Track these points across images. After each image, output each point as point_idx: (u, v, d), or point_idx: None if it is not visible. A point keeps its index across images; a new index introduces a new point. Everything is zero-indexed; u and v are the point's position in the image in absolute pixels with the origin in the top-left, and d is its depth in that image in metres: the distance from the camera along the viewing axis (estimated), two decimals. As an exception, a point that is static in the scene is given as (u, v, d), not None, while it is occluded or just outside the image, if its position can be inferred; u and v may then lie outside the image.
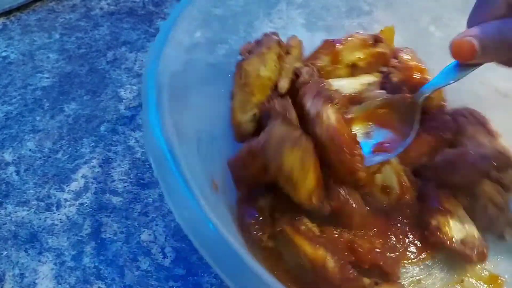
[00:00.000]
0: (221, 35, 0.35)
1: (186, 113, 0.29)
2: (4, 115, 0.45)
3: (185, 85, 0.30)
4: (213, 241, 0.22)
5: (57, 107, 0.46)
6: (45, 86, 0.48)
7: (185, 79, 0.30)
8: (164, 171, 0.24)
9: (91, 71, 0.50)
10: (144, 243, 0.37)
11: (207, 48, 0.34)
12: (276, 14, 0.39)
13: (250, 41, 0.36)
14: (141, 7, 0.58)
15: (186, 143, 0.27)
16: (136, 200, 0.40)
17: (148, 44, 0.53)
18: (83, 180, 0.41)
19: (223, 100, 0.34)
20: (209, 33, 0.33)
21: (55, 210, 0.39)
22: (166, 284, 0.35)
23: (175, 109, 0.27)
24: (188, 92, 0.30)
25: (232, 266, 0.21)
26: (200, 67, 0.33)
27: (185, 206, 0.23)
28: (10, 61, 0.50)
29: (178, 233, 0.38)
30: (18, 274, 0.35)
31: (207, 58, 0.34)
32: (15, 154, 0.42)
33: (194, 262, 0.36)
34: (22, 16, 0.55)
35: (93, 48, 0.52)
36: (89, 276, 0.35)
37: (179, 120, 0.26)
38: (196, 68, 0.32)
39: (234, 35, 0.36)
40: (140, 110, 0.46)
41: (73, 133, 0.44)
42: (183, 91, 0.29)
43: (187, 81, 0.30)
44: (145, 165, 0.42)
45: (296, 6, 0.40)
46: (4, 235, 0.37)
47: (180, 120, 0.27)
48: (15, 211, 0.39)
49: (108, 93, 0.48)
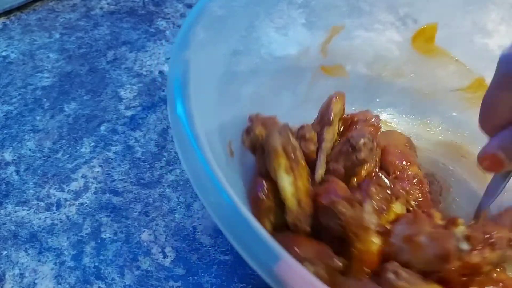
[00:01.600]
0: (221, 35, 0.35)
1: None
2: (4, 115, 0.45)
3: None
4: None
5: (57, 107, 0.46)
6: (45, 85, 0.48)
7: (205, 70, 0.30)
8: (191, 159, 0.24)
9: (91, 71, 0.50)
10: (144, 243, 0.37)
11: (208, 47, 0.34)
12: (277, 14, 0.39)
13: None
14: (141, 7, 0.58)
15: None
16: (136, 200, 0.40)
17: (148, 44, 0.53)
18: (83, 180, 0.41)
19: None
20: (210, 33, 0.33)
21: (55, 210, 0.39)
22: (166, 284, 0.35)
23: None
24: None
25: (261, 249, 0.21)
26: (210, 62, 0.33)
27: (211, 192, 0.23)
28: (10, 60, 0.50)
29: (178, 233, 0.38)
30: (18, 274, 0.35)
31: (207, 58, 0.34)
32: (15, 153, 0.42)
33: (194, 262, 0.36)
34: (22, 16, 0.55)
35: (93, 47, 0.52)
36: (89, 276, 0.35)
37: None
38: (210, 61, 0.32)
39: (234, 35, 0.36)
40: (140, 109, 0.46)
41: (73, 133, 0.44)
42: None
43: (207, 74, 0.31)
44: (145, 165, 0.42)
45: (297, 6, 0.40)
46: (4, 235, 0.37)
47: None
48: (15, 211, 0.39)
49: (108, 93, 0.48)
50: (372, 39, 0.44)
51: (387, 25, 0.44)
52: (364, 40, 0.44)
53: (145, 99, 0.47)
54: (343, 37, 0.43)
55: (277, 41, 0.39)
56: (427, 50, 0.44)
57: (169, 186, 0.41)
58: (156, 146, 0.44)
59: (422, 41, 0.44)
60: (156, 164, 0.42)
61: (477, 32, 0.42)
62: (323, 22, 0.42)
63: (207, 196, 0.23)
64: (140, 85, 0.49)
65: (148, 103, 0.47)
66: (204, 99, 0.29)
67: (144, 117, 0.46)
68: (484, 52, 0.42)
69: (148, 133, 0.45)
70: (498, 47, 0.42)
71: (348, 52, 0.43)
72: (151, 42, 0.53)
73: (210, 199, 0.23)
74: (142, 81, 0.49)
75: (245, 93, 0.36)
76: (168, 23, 0.56)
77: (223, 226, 0.22)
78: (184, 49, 0.29)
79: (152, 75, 0.50)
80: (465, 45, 0.43)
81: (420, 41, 0.44)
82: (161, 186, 0.41)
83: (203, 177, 0.23)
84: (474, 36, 0.42)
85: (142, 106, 0.47)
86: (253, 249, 0.21)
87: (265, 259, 0.20)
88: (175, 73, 0.27)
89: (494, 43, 0.42)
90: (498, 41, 0.42)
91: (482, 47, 0.42)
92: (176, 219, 0.39)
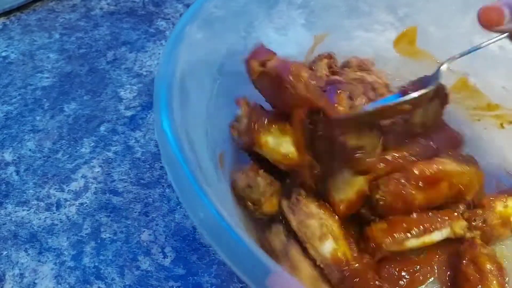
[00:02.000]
0: (221, 35, 0.35)
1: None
2: (4, 115, 0.45)
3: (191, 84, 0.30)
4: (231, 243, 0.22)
5: (57, 107, 0.46)
6: (45, 86, 0.48)
7: (193, 76, 0.30)
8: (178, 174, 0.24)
9: (91, 71, 0.50)
10: (144, 243, 0.37)
11: (208, 47, 0.34)
12: (276, 14, 0.39)
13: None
14: (141, 7, 0.58)
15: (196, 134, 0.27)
16: (136, 200, 0.40)
17: (148, 44, 0.53)
18: (83, 180, 0.41)
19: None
20: (209, 33, 0.33)
21: (55, 210, 0.39)
22: (166, 284, 0.35)
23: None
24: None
25: (253, 267, 0.21)
26: (203, 64, 0.33)
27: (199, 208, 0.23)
28: (10, 61, 0.50)
29: (178, 233, 0.38)
30: (18, 274, 0.35)
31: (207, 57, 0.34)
32: (15, 154, 0.42)
33: (194, 262, 0.36)
34: (22, 16, 0.55)
35: (93, 48, 0.52)
36: (89, 276, 0.35)
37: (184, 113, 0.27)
38: (200, 65, 0.32)
39: (234, 35, 0.36)
40: (140, 109, 0.46)
41: (73, 133, 0.44)
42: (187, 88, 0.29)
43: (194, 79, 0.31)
44: (145, 165, 0.42)
45: (297, 6, 0.40)
46: (4, 235, 0.37)
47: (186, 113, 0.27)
48: (15, 211, 0.39)
49: (108, 93, 0.48)
50: (372, 39, 0.44)
51: (387, 26, 0.44)
52: (363, 40, 0.44)
53: (145, 99, 0.47)
54: (343, 37, 0.43)
55: (276, 41, 0.39)
56: (410, 53, 0.45)
57: (169, 186, 0.41)
58: (156, 146, 0.44)
59: (404, 43, 0.44)
60: (156, 164, 0.42)
61: (477, 32, 0.42)
62: (323, 22, 0.42)
63: (196, 213, 0.23)
64: (140, 85, 0.49)
65: (148, 103, 0.47)
66: (195, 105, 0.29)
67: (144, 117, 0.46)
68: (484, 52, 0.42)
69: (148, 133, 0.45)
70: (498, 47, 0.42)
71: (348, 52, 0.43)
72: (151, 42, 0.53)
73: (199, 216, 0.23)
74: (142, 81, 0.49)
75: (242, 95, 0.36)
76: (168, 24, 0.56)
77: (213, 242, 0.22)
78: (174, 55, 0.29)
79: (152, 75, 0.50)
80: (464, 45, 0.43)
81: (403, 43, 0.44)
82: (160, 186, 0.41)
83: (191, 194, 0.23)
84: (473, 36, 0.42)
85: (142, 106, 0.47)
86: (244, 264, 0.21)
87: (256, 273, 0.21)
88: (161, 85, 0.27)
89: (494, 43, 0.42)
90: (498, 41, 0.42)
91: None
92: (176, 219, 0.39)
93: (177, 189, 0.24)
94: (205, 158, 0.29)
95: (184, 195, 0.23)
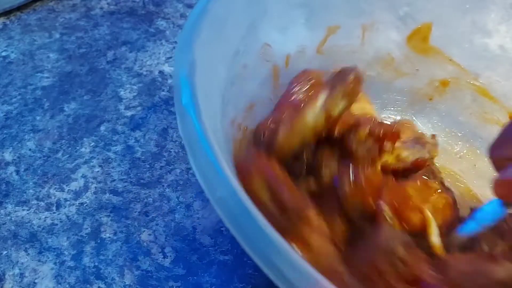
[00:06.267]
0: (222, 35, 0.35)
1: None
2: (4, 115, 0.45)
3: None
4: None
5: (57, 107, 0.46)
6: (45, 85, 0.48)
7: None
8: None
9: (91, 70, 0.50)
10: (144, 243, 0.37)
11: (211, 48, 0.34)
12: (276, 14, 0.39)
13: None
14: (141, 7, 0.58)
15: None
16: (136, 200, 0.40)
17: (148, 44, 0.53)
18: (83, 180, 0.41)
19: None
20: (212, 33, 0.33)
21: (55, 210, 0.39)
22: (166, 284, 0.35)
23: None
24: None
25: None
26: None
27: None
28: (10, 60, 0.50)
29: (178, 233, 0.38)
30: (18, 273, 0.35)
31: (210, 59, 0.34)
32: (15, 153, 0.42)
33: (194, 262, 0.36)
34: (22, 16, 0.55)
35: (93, 47, 0.52)
36: (89, 275, 0.35)
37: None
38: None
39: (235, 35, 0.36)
40: (140, 109, 0.46)
41: (73, 133, 0.44)
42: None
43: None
44: (145, 165, 0.42)
45: (297, 5, 0.40)
46: (4, 234, 0.37)
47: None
48: (15, 211, 0.39)
49: (108, 93, 0.48)
50: (372, 39, 0.44)
51: (387, 25, 0.44)
52: (363, 40, 0.44)
53: (145, 99, 0.47)
54: (343, 37, 0.43)
55: (276, 41, 0.39)
56: (422, 50, 0.44)
57: (169, 186, 0.41)
58: (156, 146, 0.44)
59: (417, 40, 0.44)
60: (156, 164, 0.42)
61: (477, 32, 0.42)
62: (323, 22, 0.42)
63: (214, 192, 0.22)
64: (140, 85, 0.49)
65: (148, 103, 0.47)
66: (209, 100, 0.29)
67: (144, 117, 0.46)
68: (484, 52, 0.42)
69: (148, 133, 0.45)
70: (498, 47, 0.42)
71: (348, 52, 0.43)
72: (151, 42, 0.53)
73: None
74: (142, 81, 0.49)
75: (248, 94, 0.36)
76: (168, 23, 0.56)
77: (228, 222, 0.21)
78: (189, 45, 0.29)
79: (152, 75, 0.50)
80: (464, 44, 0.43)
81: (416, 40, 0.44)
82: (161, 186, 0.41)
83: (210, 172, 0.22)
84: (473, 36, 0.42)
85: (142, 106, 0.47)
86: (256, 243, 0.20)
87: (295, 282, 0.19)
88: (180, 69, 0.27)
89: (494, 43, 0.42)
90: (498, 41, 0.42)
91: (482, 47, 0.42)
92: (176, 219, 0.39)
93: (195, 167, 0.23)
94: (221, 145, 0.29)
95: (202, 174, 0.23)
